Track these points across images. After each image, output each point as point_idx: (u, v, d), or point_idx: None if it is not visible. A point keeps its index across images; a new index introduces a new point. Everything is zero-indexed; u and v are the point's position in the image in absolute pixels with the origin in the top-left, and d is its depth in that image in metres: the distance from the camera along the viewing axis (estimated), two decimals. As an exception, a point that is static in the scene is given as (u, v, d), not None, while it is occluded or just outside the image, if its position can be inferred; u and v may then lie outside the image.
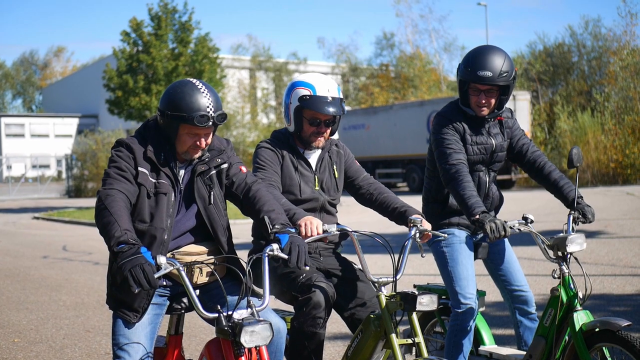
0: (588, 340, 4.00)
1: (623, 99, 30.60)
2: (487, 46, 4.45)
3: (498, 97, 4.41)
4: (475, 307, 4.44)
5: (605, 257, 10.63)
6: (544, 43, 41.03)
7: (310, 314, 4.01)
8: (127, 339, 3.49)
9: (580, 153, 4.38)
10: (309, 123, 4.31)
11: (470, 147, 4.46)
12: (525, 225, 4.28)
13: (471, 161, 4.47)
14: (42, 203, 33.78)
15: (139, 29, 26.80)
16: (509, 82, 4.33)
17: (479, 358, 4.66)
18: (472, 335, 4.47)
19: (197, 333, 7.03)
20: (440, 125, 4.47)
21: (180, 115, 3.50)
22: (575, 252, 4.17)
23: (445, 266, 4.50)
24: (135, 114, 26.65)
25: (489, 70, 4.27)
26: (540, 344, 4.24)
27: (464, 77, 4.38)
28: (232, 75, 46.00)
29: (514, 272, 4.61)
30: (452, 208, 4.55)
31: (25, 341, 7.14)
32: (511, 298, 4.64)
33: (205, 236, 3.71)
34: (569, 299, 4.14)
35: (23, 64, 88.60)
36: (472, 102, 4.42)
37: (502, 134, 4.59)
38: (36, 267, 12.41)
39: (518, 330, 4.64)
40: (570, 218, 4.31)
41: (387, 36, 52.09)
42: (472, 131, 4.48)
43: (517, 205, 18.80)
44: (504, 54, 4.37)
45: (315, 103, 4.24)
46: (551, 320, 4.20)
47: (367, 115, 33.87)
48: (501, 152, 4.57)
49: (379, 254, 9.21)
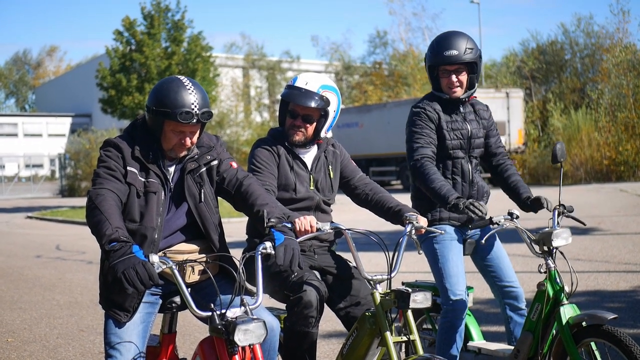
0: (576, 335, 4.01)
1: (616, 96, 30.67)
2: (449, 31, 4.62)
3: (468, 76, 4.52)
4: (466, 303, 4.46)
5: (598, 253, 10.65)
6: (536, 41, 41.17)
7: (302, 314, 4.00)
8: (118, 338, 3.47)
9: (564, 148, 4.44)
10: (289, 115, 4.35)
11: (447, 133, 4.53)
12: (511, 221, 4.31)
13: (450, 147, 4.53)
14: (35, 202, 33.71)
15: (131, 28, 26.73)
16: (475, 58, 4.46)
17: (468, 354, 4.68)
18: (462, 331, 4.49)
19: (191, 332, 7.01)
20: (413, 118, 4.56)
21: (164, 111, 3.47)
22: (560, 246, 4.20)
23: (436, 263, 4.52)
24: (129, 113, 26.57)
25: (454, 49, 4.43)
26: (528, 339, 4.25)
27: (432, 61, 4.51)
28: (226, 74, 45.93)
29: (504, 268, 4.63)
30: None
31: (19, 341, 7.12)
32: (501, 294, 4.65)
33: (196, 234, 3.68)
34: (556, 294, 4.15)
35: (16, 63, 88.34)
36: (444, 84, 4.53)
37: (477, 121, 4.67)
38: (29, 266, 12.37)
39: (508, 326, 4.65)
40: (556, 213, 4.35)
41: (380, 34, 52.30)
42: (448, 116, 4.56)
43: (510, 202, 18.79)
44: (466, 34, 4.52)
45: (289, 92, 4.31)
46: (538, 315, 4.22)
47: (360, 113, 33.87)
48: (478, 139, 4.65)
49: (374, 251, 9.22)
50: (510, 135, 29.65)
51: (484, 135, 4.70)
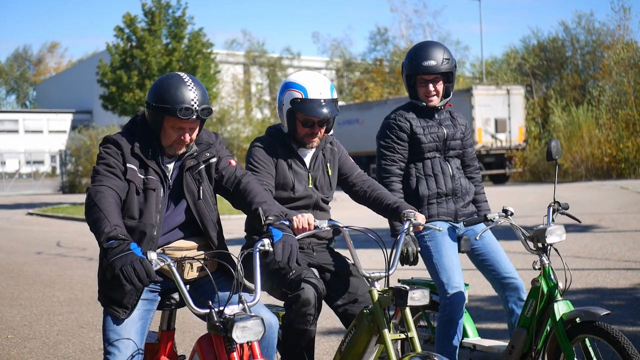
0: (569, 331, 4.04)
1: (617, 93, 30.65)
2: (426, 41, 4.89)
3: (444, 85, 4.71)
4: (464, 296, 4.49)
5: (599, 251, 10.65)
6: (537, 38, 41.11)
7: (300, 311, 4.00)
8: (117, 335, 3.48)
9: (559, 146, 4.53)
10: (302, 125, 4.29)
11: (423, 137, 4.69)
12: (505, 218, 4.34)
13: (426, 149, 4.70)
14: (36, 199, 33.72)
15: (132, 25, 26.74)
16: (451, 68, 4.67)
17: (463, 350, 4.72)
18: (461, 326, 4.52)
19: (191, 328, 7.02)
20: (385, 131, 4.77)
21: (164, 107, 3.48)
22: (555, 243, 4.23)
23: (430, 259, 4.57)
24: (129, 110, 26.58)
25: (432, 59, 4.61)
26: (522, 335, 4.28)
27: (411, 70, 4.67)
28: (226, 71, 45.90)
29: (502, 261, 4.66)
30: (425, 199, 4.67)
31: (19, 337, 7.13)
32: (502, 287, 4.67)
33: (194, 231, 3.69)
34: (550, 290, 4.19)
35: (17, 59, 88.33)
36: (421, 93, 4.70)
37: (453, 125, 4.81)
38: (30, 263, 12.39)
39: (510, 319, 4.66)
40: (550, 210, 4.38)
41: (381, 31, 52.11)
42: (423, 122, 4.72)
43: (511, 200, 18.83)
44: (443, 45, 4.77)
45: (308, 106, 4.21)
46: (532, 311, 4.26)
47: (361, 110, 33.84)
48: (454, 141, 4.78)
49: (372, 248, 9.22)
50: (511, 133, 29.60)
51: (461, 137, 4.84)
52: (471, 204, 4.83)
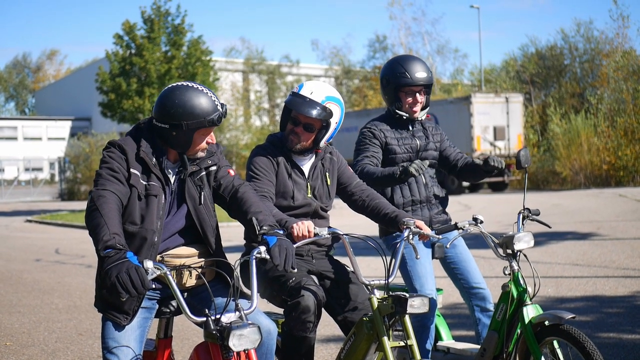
0: (538, 334, 4.16)
1: (615, 101, 30.68)
2: (409, 55, 5.11)
3: (425, 96, 4.94)
4: (435, 302, 4.66)
5: (597, 258, 10.65)
6: (536, 45, 41.20)
7: (300, 319, 3.99)
8: (116, 342, 3.47)
9: (528, 154, 4.68)
10: (291, 121, 4.35)
11: (397, 147, 4.89)
12: (475, 226, 4.45)
13: (400, 159, 4.88)
14: (34, 206, 33.71)
15: (131, 32, 26.77)
16: (432, 80, 4.93)
17: (437, 353, 4.91)
18: (433, 331, 4.71)
19: (189, 336, 7.01)
20: (360, 138, 4.94)
21: (199, 122, 3.51)
22: (523, 249, 4.36)
23: (404, 266, 4.72)
24: (128, 117, 26.61)
25: (423, 71, 4.83)
26: (494, 338, 4.41)
27: (402, 82, 4.82)
28: (225, 78, 45.98)
29: (471, 271, 4.87)
30: (400, 207, 4.82)
31: (18, 345, 7.12)
32: (469, 296, 4.88)
33: (194, 238, 3.69)
34: (519, 294, 4.32)
35: (16, 66, 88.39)
36: (407, 103, 4.88)
37: (425, 137, 5.00)
38: (29, 270, 12.37)
39: (477, 327, 4.86)
40: (520, 217, 4.51)
41: (380, 39, 52.19)
42: (397, 134, 4.92)
43: (509, 207, 18.81)
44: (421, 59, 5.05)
45: (293, 100, 4.29)
46: (503, 315, 4.39)
47: (360, 117, 33.86)
48: (426, 152, 4.97)
49: (371, 256, 9.22)
50: (510, 140, 29.64)
51: (435, 148, 5.02)
52: (444, 213, 5.00)
